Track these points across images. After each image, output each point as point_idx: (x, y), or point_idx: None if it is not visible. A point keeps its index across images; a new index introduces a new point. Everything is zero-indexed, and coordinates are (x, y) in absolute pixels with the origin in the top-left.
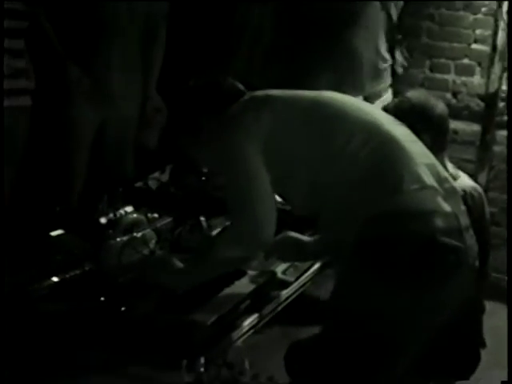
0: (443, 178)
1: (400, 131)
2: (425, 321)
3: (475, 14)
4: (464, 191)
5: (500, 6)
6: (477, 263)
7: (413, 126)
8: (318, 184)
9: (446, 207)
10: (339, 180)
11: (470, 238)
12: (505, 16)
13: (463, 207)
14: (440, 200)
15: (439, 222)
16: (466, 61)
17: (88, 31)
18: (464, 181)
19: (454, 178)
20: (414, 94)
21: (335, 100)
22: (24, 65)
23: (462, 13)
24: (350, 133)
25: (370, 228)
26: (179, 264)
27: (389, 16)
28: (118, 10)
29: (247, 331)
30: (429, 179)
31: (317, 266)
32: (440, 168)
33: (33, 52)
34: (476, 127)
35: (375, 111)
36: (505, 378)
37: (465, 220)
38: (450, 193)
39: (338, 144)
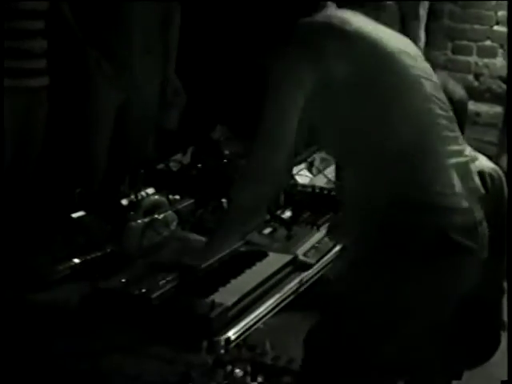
0: (470, 177)
1: (443, 116)
2: (429, 312)
3: None
4: (483, 172)
5: None
6: (486, 253)
7: None
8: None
9: (465, 203)
10: (375, 149)
11: (483, 230)
12: None
13: (479, 201)
14: (461, 200)
15: (455, 219)
16: (488, 43)
17: (107, 15)
18: (483, 162)
19: (472, 161)
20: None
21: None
22: (44, 45)
23: None
24: (403, 109)
25: (388, 214)
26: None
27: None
28: None
29: (268, 313)
30: (457, 184)
31: (338, 247)
32: (470, 165)
33: (52, 33)
34: (498, 109)
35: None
36: None
37: (479, 213)
38: (472, 192)
39: (389, 111)
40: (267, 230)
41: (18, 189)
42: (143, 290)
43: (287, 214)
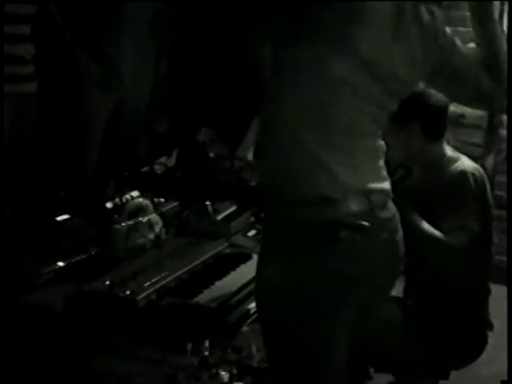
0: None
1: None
2: (342, 295)
3: None
4: (465, 172)
5: None
6: (396, 236)
7: (404, 111)
8: None
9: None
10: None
11: (388, 213)
12: None
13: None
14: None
15: (344, 207)
16: (471, 45)
17: (96, 17)
18: (465, 162)
19: (454, 161)
20: None
21: None
22: (32, 50)
23: None
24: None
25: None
26: None
27: None
28: None
29: (253, 315)
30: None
31: None
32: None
33: (40, 38)
34: (483, 111)
35: None
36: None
37: (379, 198)
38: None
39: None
40: (252, 232)
41: (4, 192)
42: (128, 292)
43: None
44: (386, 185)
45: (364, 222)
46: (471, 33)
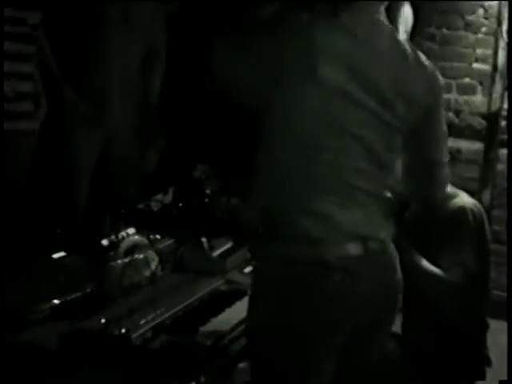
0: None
1: None
2: (323, 338)
3: (476, 33)
4: (464, 208)
5: (500, 25)
6: (393, 278)
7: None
8: None
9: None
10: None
11: (383, 258)
12: (505, 35)
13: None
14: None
15: (337, 248)
16: (467, 80)
17: (84, 54)
18: (463, 198)
19: (453, 197)
20: None
21: None
22: (31, 88)
23: (462, 32)
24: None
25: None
26: None
27: None
28: (115, 27)
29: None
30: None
31: None
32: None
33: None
34: (479, 145)
35: None
36: None
37: (376, 245)
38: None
39: None
40: (248, 269)
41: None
42: (123, 330)
43: None
44: (385, 233)
45: (356, 267)
46: (467, 68)
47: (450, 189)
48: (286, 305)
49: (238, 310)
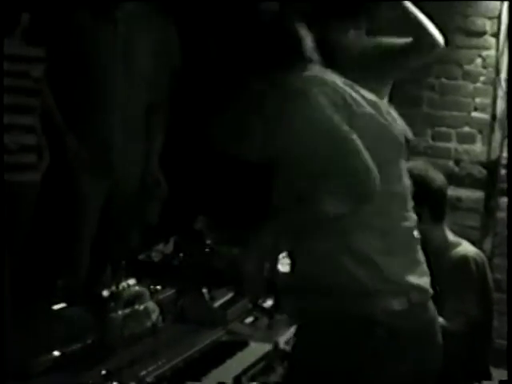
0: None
1: None
2: None
3: (474, 82)
4: (466, 257)
5: (498, 75)
6: (435, 339)
7: (413, 197)
8: None
9: (392, 288)
10: None
11: (424, 312)
12: (503, 83)
13: (423, 282)
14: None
15: (382, 303)
16: (466, 129)
17: (88, 103)
18: (466, 247)
19: (456, 246)
20: (414, 166)
21: None
22: (34, 141)
23: (461, 82)
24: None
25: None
26: None
27: None
28: (118, 80)
29: None
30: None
31: None
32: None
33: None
34: (479, 194)
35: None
36: None
37: (420, 296)
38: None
39: None
40: (249, 319)
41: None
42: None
43: (269, 302)
44: (425, 281)
45: (401, 323)
46: (466, 117)
47: (452, 237)
48: (330, 358)
49: (239, 361)
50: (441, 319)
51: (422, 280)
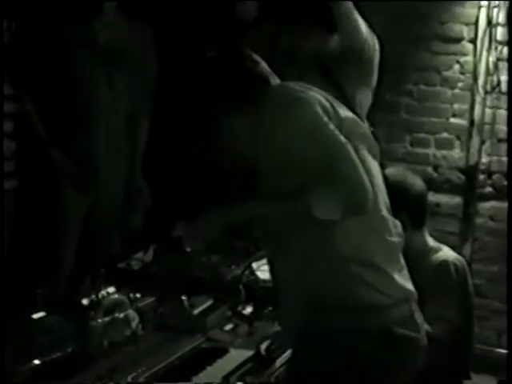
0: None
1: None
2: None
3: (452, 88)
4: (447, 262)
5: (475, 81)
6: (425, 340)
7: (391, 203)
8: None
9: (398, 294)
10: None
11: (419, 317)
12: (480, 89)
13: (411, 287)
14: (392, 287)
15: (394, 313)
16: (445, 135)
17: (71, 115)
18: (446, 252)
19: (436, 251)
20: (392, 172)
21: None
22: (13, 147)
23: (439, 88)
24: None
25: (325, 316)
26: None
27: None
28: (100, 92)
29: None
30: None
31: None
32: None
33: (20, 135)
34: (458, 200)
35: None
36: None
37: (414, 301)
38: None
39: None
40: (228, 327)
41: None
42: None
43: (248, 309)
44: (412, 285)
45: (411, 333)
46: (444, 123)
47: (432, 243)
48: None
49: (220, 368)
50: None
51: (410, 285)
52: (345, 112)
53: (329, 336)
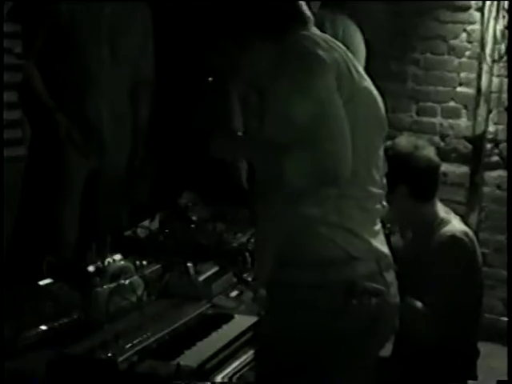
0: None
1: None
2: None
3: (459, 57)
4: (455, 236)
5: (483, 49)
6: (397, 299)
7: (393, 173)
8: None
9: (366, 254)
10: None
11: (390, 276)
12: (488, 58)
13: (386, 249)
14: (363, 248)
15: (359, 269)
16: (452, 104)
17: (76, 82)
18: (454, 226)
19: (445, 224)
20: (402, 142)
21: None
22: (17, 116)
23: (446, 57)
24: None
25: (289, 272)
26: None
27: None
28: (104, 60)
29: (234, 375)
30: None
31: None
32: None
33: (26, 103)
34: (464, 169)
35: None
36: None
37: (385, 261)
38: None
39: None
40: (234, 293)
41: None
42: (109, 355)
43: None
44: (387, 249)
45: (379, 286)
46: (451, 92)
47: (444, 214)
48: (309, 322)
49: (224, 334)
50: (421, 305)
51: (385, 248)
52: (366, 83)
53: (291, 291)
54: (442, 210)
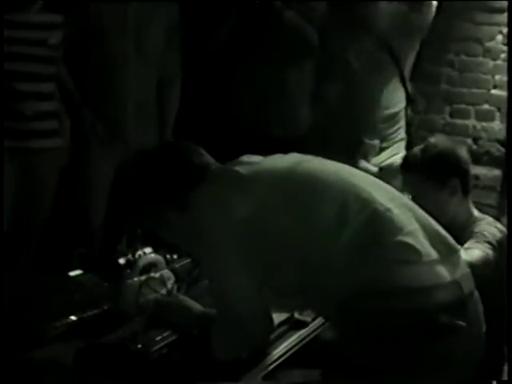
0: (443, 240)
1: (384, 196)
2: None
3: (494, 59)
4: (488, 242)
5: None
6: (483, 327)
7: (440, 172)
8: (307, 264)
9: (446, 275)
10: (324, 254)
11: (475, 304)
12: None
13: (466, 269)
14: (438, 268)
15: (439, 297)
16: (485, 106)
17: (102, 76)
18: (488, 228)
19: (477, 224)
20: (440, 140)
21: (312, 171)
22: (53, 107)
23: (481, 59)
24: (329, 204)
25: (358, 305)
26: (195, 306)
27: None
28: (130, 56)
29: (263, 370)
30: (422, 247)
31: None
32: (438, 230)
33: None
34: (497, 172)
35: (356, 176)
36: None
37: (468, 285)
38: (450, 255)
39: (321, 217)
40: None
41: (19, 248)
42: (140, 346)
43: None
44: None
45: (458, 322)
46: (485, 94)
47: (476, 213)
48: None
49: None
50: None
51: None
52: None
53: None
54: (474, 210)
